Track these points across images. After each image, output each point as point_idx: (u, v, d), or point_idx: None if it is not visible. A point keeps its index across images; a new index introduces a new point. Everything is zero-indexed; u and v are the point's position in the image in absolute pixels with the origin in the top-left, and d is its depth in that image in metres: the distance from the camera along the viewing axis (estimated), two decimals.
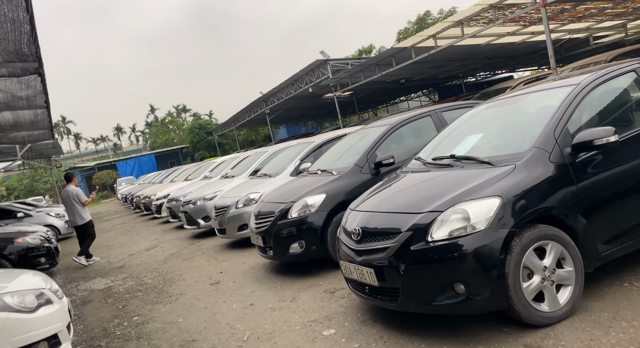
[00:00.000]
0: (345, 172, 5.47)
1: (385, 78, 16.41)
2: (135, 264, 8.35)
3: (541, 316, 3.01)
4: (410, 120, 5.95)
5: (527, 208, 3.03)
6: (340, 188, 5.25)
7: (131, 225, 15.48)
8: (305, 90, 19.24)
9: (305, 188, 5.49)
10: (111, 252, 10.41)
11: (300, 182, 6.01)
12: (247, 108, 28.57)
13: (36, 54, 6.44)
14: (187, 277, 6.50)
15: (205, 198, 9.54)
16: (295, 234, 5.19)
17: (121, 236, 13.06)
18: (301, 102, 25.41)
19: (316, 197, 5.21)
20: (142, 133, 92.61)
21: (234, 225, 7.52)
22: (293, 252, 5.23)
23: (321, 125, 44.44)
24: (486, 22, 9.71)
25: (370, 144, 5.63)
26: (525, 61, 16.98)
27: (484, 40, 11.61)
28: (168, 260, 8.12)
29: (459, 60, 14.15)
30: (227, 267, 6.62)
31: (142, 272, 7.55)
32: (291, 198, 5.39)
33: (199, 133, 46.90)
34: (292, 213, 5.26)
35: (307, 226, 5.15)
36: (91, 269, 8.78)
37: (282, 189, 6.15)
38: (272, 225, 5.37)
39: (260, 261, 6.46)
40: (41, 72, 7.27)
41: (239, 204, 7.53)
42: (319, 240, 5.14)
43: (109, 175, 46.62)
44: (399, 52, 11.56)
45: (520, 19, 9.82)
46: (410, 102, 34.72)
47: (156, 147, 57.04)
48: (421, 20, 33.20)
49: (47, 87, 8.51)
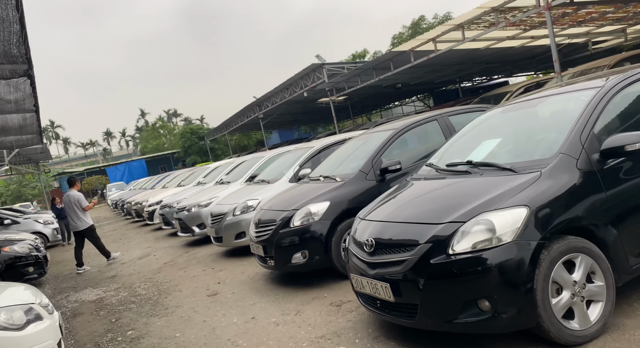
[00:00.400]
0: (350, 178, 5.26)
1: (381, 82, 16.30)
2: (127, 273, 8.06)
3: (572, 335, 2.81)
4: (416, 125, 5.75)
5: (555, 219, 2.86)
6: (344, 196, 5.04)
7: (122, 232, 15.13)
8: (300, 94, 19.05)
9: (308, 195, 5.28)
10: (102, 261, 10.07)
11: (301, 189, 5.79)
12: (240, 113, 28.31)
13: (26, 55, 6.17)
14: (183, 288, 6.23)
15: (200, 205, 9.28)
16: (298, 243, 4.97)
17: (112, 244, 12.71)
18: (295, 106, 25.21)
19: (320, 204, 4.99)
20: (132, 138, 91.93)
21: (232, 233, 7.28)
22: (296, 262, 5.00)
23: (314, 130, 44.28)
24: (487, 26, 9.62)
25: (375, 149, 5.43)
26: (523, 66, 16.96)
27: (483, 44, 11.52)
28: (162, 269, 7.84)
29: (457, 64, 14.04)
30: (224, 277, 6.36)
31: (135, 282, 7.26)
32: (293, 206, 5.17)
33: (190, 138, 46.55)
34: (294, 222, 5.03)
35: (310, 235, 4.92)
36: (81, 279, 8.47)
37: (282, 196, 5.93)
38: (274, 234, 5.14)
39: (259, 271, 6.22)
40: (31, 74, 7.00)
41: (236, 211, 7.29)
42: (323, 250, 4.92)
43: (98, 180, 46.00)
44: (397, 55, 11.42)
45: (521, 23, 9.72)
46: (404, 107, 34.68)
47: (147, 152, 56.55)
48: (416, 25, 33.21)
49: (36, 91, 8.23)
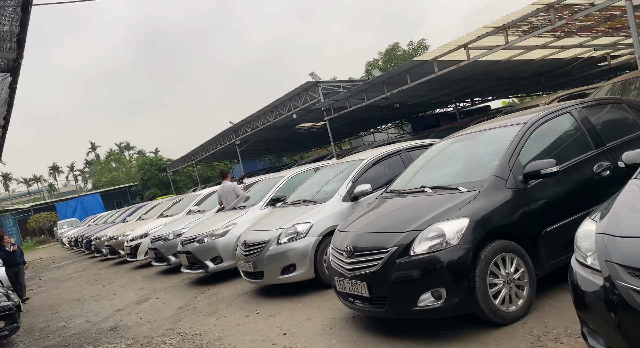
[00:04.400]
0: (484, 186, 3.94)
1: (379, 102, 15.36)
2: (133, 323, 6.32)
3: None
4: None
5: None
6: (485, 209, 3.72)
7: (94, 272, 13.01)
8: (286, 117, 17.84)
9: (427, 210, 3.90)
10: (86, 307, 8.19)
11: (396, 204, 4.46)
12: (211, 140, 26.64)
13: (18, 35, 4.61)
14: (236, 343, 4.64)
15: (215, 234, 7.70)
16: (427, 278, 3.53)
17: (88, 286, 10.70)
18: (273, 133, 23.93)
19: (454, 222, 3.63)
20: (82, 172, 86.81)
21: (277, 266, 5.81)
22: (425, 306, 3.53)
23: (279, 159, 42.92)
24: (526, 30, 8.87)
25: (510, 144, 4.25)
26: (532, 84, 16.27)
27: (506, 54, 10.75)
28: (181, 316, 6.18)
29: (467, 80, 13.05)
30: (285, 325, 4.85)
31: (152, 335, 5.58)
32: (411, 226, 3.77)
33: (150, 170, 43.87)
34: (416, 248, 3.60)
35: (446, 266, 3.47)
36: (68, 333, 6.61)
37: (371, 215, 4.52)
38: (386, 265, 3.68)
39: (334, 315, 4.76)
40: (16, 68, 5.34)
41: (281, 239, 5.85)
42: (465, 287, 3.47)
43: (47, 217, 42.18)
44: (417, 66, 10.44)
45: (561, 29, 9.03)
46: (376, 134, 34.07)
47: (100, 186, 52.92)
48: (390, 51, 33.08)
49: (14, 97, 6.55)
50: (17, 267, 9.72)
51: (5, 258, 9.71)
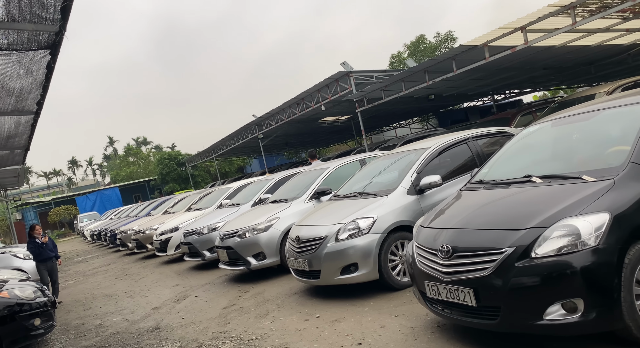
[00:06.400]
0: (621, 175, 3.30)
1: (413, 94, 14.70)
2: (176, 324, 5.84)
3: None
4: None
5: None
6: (628, 201, 3.12)
7: (121, 267, 12.64)
8: (315, 109, 17.27)
9: (546, 204, 3.25)
10: (120, 304, 7.76)
11: (496, 197, 3.81)
12: (233, 134, 26.19)
13: (64, 3, 4.10)
14: None
15: (257, 228, 7.20)
16: (556, 287, 2.92)
17: (117, 281, 10.30)
18: (296, 126, 23.41)
19: (589, 218, 2.95)
20: (100, 166, 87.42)
21: (336, 265, 5.26)
22: (553, 320, 2.92)
23: (297, 155, 42.38)
24: (593, 10, 8.14)
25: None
26: (577, 74, 15.35)
27: (562, 39, 10.01)
28: (228, 316, 5.68)
29: (513, 69, 12.28)
30: (354, 331, 4.31)
31: (200, 338, 5.08)
32: (532, 222, 3.12)
33: (168, 164, 43.71)
34: (539, 249, 2.98)
35: (580, 272, 2.84)
36: (106, 333, 6.17)
37: (469, 209, 3.85)
38: (502, 269, 3.08)
39: (414, 323, 4.21)
40: (57, 43, 4.83)
41: (340, 235, 5.30)
42: (608, 299, 2.85)
43: (67, 210, 42.34)
44: (465, 52, 9.77)
45: (631, 8, 8.27)
46: (398, 129, 33.29)
47: (119, 181, 52.97)
48: (416, 44, 32.26)
49: (51, 78, 6.07)
50: (50, 261, 8.70)
51: (35, 252, 8.59)
